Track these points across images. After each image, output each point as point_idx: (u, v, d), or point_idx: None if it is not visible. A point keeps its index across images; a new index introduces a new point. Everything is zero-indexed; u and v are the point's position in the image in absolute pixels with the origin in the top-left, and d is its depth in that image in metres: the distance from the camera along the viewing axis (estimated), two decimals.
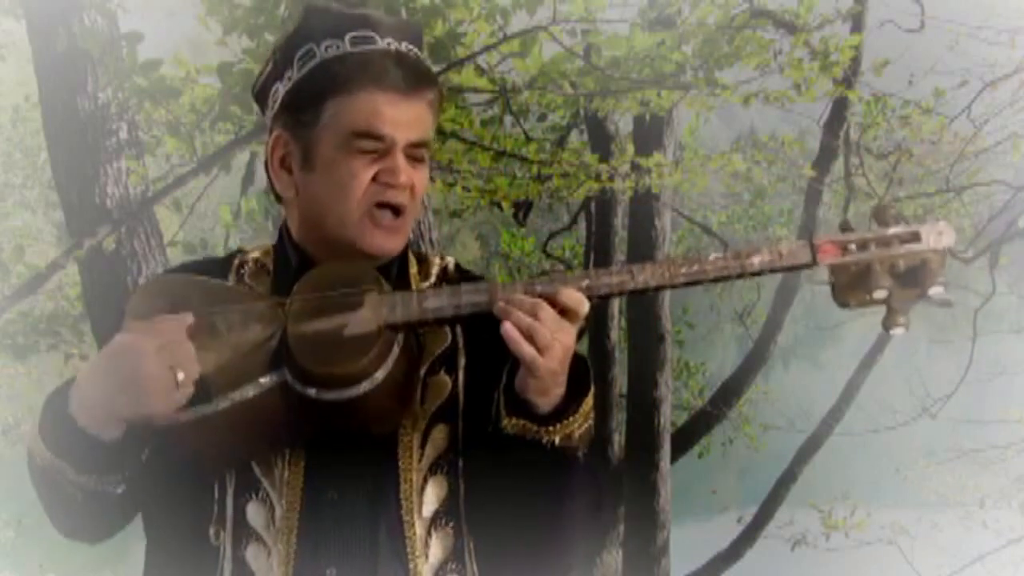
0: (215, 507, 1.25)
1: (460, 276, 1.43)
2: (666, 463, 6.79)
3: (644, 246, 6.64)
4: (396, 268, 1.39)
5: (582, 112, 6.60)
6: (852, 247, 1.23)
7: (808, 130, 7.36)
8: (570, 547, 1.32)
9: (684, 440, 7.33)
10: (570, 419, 1.22)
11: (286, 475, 1.26)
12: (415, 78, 1.30)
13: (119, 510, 1.29)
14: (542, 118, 6.88)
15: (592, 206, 7.57)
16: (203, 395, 1.20)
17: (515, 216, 7.76)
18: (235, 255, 1.42)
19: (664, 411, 6.76)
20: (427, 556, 1.27)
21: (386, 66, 1.28)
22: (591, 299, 1.22)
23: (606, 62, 3.67)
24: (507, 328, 1.18)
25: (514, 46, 3.38)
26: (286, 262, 1.37)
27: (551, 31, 3.30)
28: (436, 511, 1.28)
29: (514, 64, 3.63)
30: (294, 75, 1.31)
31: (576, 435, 1.23)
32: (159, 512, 1.32)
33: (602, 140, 6.73)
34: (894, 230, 1.23)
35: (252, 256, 1.41)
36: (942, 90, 6.25)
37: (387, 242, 1.32)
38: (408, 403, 1.27)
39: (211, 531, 1.25)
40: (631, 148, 5.52)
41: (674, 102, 4.55)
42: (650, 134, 6.28)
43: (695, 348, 10.25)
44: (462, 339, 1.35)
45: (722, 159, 5.63)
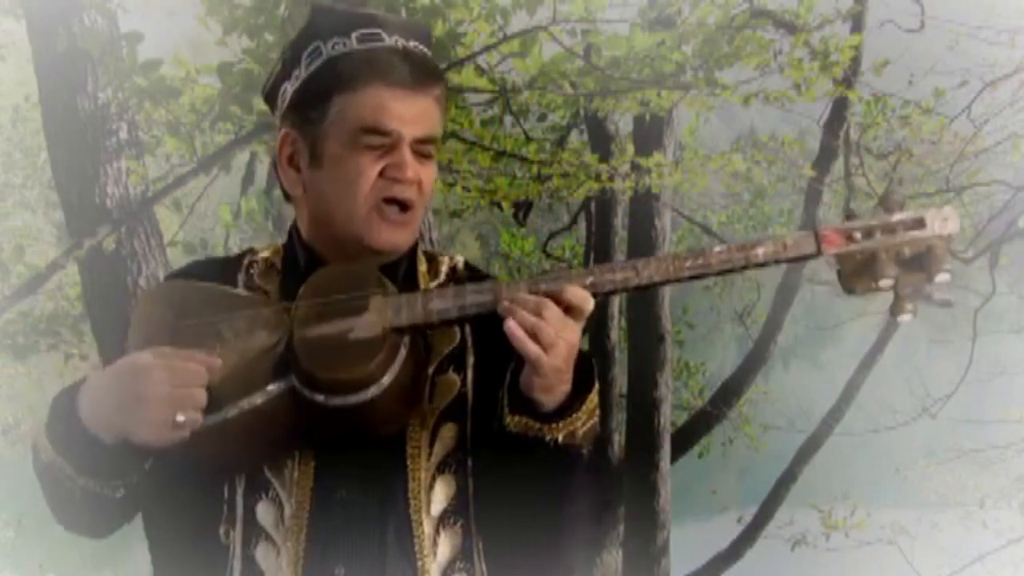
0: (225, 507, 1.26)
1: (469, 275, 1.42)
2: (666, 463, 6.78)
3: (644, 246, 6.63)
4: (405, 266, 1.38)
5: (582, 112, 6.60)
6: (857, 235, 1.21)
7: (808, 130, 7.35)
8: (574, 545, 1.31)
9: (684, 440, 7.33)
10: (573, 417, 1.22)
11: (295, 475, 1.26)
12: (421, 73, 1.30)
13: (119, 510, 1.29)
14: (542, 118, 6.87)
15: (592, 206, 7.57)
16: (212, 404, 1.20)
17: (515, 216, 7.75)
18: (245, 254, 1.42)
19: (664, 411, 6.76)
20: (435, 555, 1.27)
21: (392, 62, 1.28)
22: (596, 296, 1.21)
23: (606, 62, 3.67)
24: (511, 326, 1.17)
25: (514, 46, 3.38)
26: (295, 261, 1.37)
27: (551, 31, 3.30)
28: (445, 510, 1.28)
29: (514, 64, 3.64)
30: (301, 73, 1.32)
31: (580, 433, 1.23)
32: (168, 512, 1.33)
33: (602, 140, 6.73)
34: (899, 217, 1.21)
35: (262, 256, 1.41)
36: (942, 90, 6.24)
37: (395, 236, 1.31)
38: (416, 404, 1.27)
39: (221, 531, 1.25)
40: (631, 148, 5.52)
41: (674, 102, 4.55)
42: (650, 134, 6.28)
43: (695, 348, 10.24)
44: (471, 338, 1.35)
45: (722, 159, 5.63)
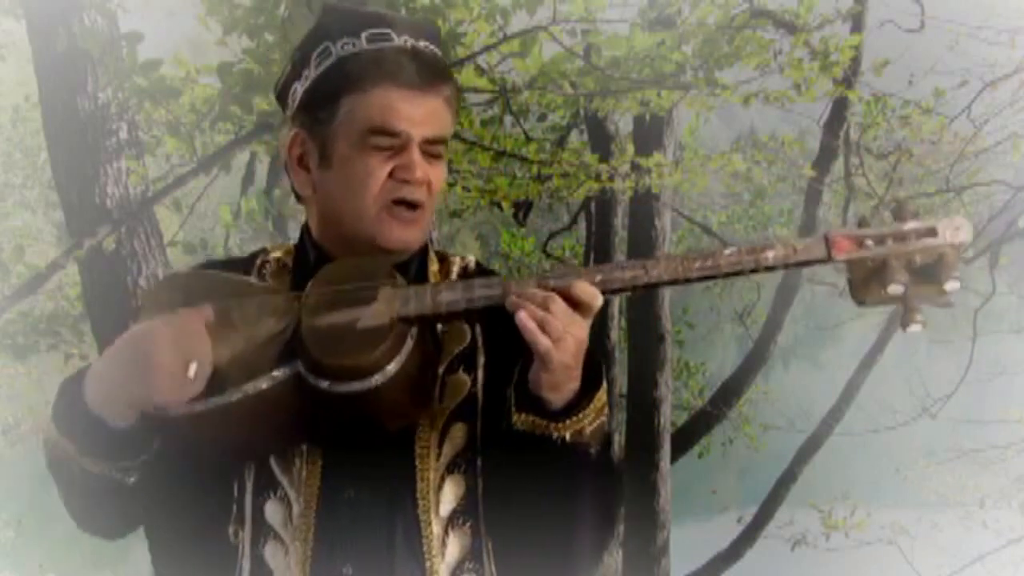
0: (234, 506, 1.26)
1: (480, 275, 1.40)
2: (666, 463, 6.79)
3: (644, 246, 6.63)
4: (416, 266, 1.38)
5: (582, 112, 6.60)
6: (868, 242, 1.20)
7: (808, 130, 7.36)
8: (584, 545, 1.31)
9: (684, 440, 7.34)
10: (581, 415, 1.22)
11: (304, 474, 1.26)
12: (431, 74, 1.30)
13: (134, 503, 1.29)
14: (542, 118, 6.87)
15: (592, 206, 7.57)
16: (217, 387, 1.20)
17: (515, 216, 7.75)
18: (258, 254, 1.43)
19: (664, 411, 6.76)
20: (444, 555, 1.26)
21: (401, 62, 1.28)
22: (604, 293, 1.21)
23: (606, 62, 3.67)
24: (522, 318, 1.17)
25: (514, 46, 3.38)
26: (305, 261, 1.38)
27: (551, 31, 3.30)
28: (454, 510, 1.28)
29: (514, 64, 3.64)
30: (311, 74, 1.32)
31: (587, 431, 1.22)
32: (177, 512, 1.33)
33: (602, 140, 6.72)
34: (911, 225, 1.20)
35: (274, 256, 1.42)
36: (942, 90, 6.24)
37: (405, 235, 1.31)
38: (424, 400, 1.27)
39: (230, 530, 1.26)
40: (631, 148, 5.52)
41: (674, 102, 4.56)
42: (650, 134, 6.28)
43: (695, 348, 10.24)
44: (481, 338, 1.35)
45: (722, 159, 5.63)
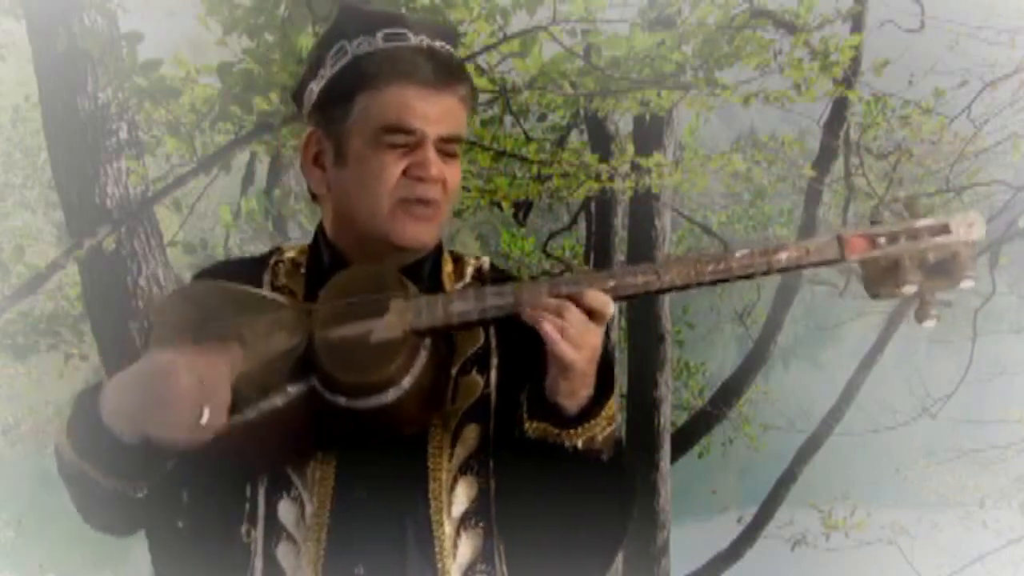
0: (247, 505, 1.26)
1: (494, 277, 1.41)
2: (666, 463, 6.78)
3: (644, 246, 6.63)
4: (429, 266, 1.38)
5: (582, 112, 6.59)
6: (881, 241, 1.20)
7: (808, 130, 7.35)
8: (596, 551, 1.31)
9: (684, 440, 7.33)
10: (593, 422, 1.22)
11: (317, 474, 1.26)
12: (446, 73, 1.30)
13: (146, 508, 1.30)
14: (542, 118, 6.87)
15: (592, 206, 7.56)
16: (232, 406, 1.19)
17: (515, 216, 7.75)
18: (272, 254, 1.42)
19: (664, 411, 6.76)
20: (455, 556, 1.26)
21: (416, 61, 1.28)
22: (616, 299, 1.21)
23: (606, 62, 3.67)
24: (548, 329, 1.17)
25: (514, 46, 3.38)
26: (319, 261, 1.37)
27: (551, 31, 3.30)
28: (466, 511, 1.28)
29: (514, 64, 3.64)
30: (327, 73, 1.32)
31: (599, 439, 1.23)
32: (190, 512, 1.33)
33: (602, 140, 6.72)
34: (923, 222, 1.20)
35: (288, 256, 1.41)
36: (942, 90, 6.24)
37: (420, 232, 1.30)
38: (438, 404, 1.27)
39: (243, 529, 1.26)
40: (631, 148, 5.52)
41: (674, 102, 4.56)
42: (650, 134, 6.27)
43: (695, 348, 10.23)
44: (495, 339, 1.34)
45: (722, 159, 5.64)
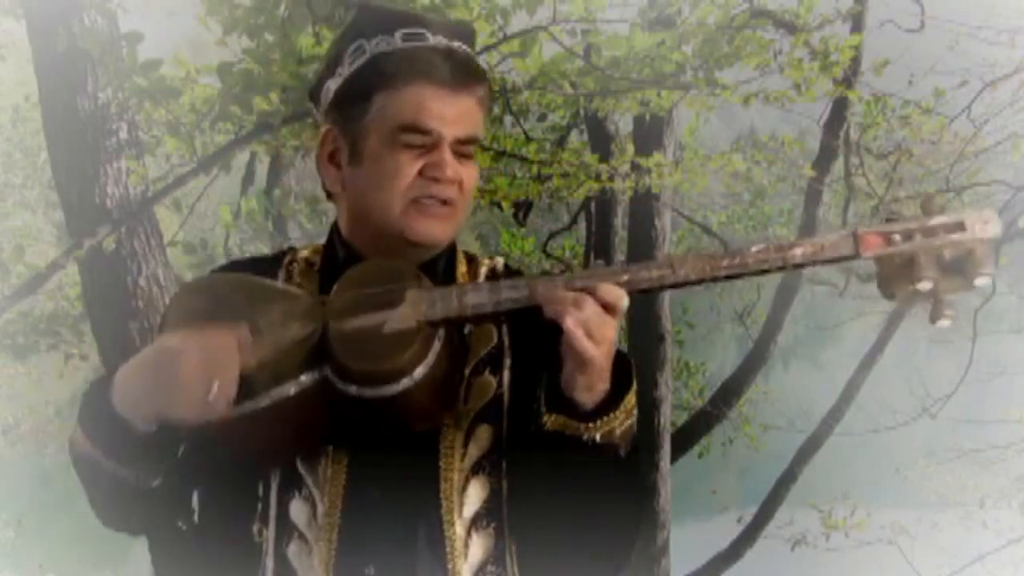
0: (259, 504, 1.26)
1: (509, 278, 1.40)
2: (666, 463, 6.78)
3: (644, 246, 6.63)
4: (443, 265, 1.38)
5: (582, 112, 6.60)
6: (896, 238, 1.19)
7: (808, 130, 7.35)
8: (611, 547, 1.30)
9: (684, 440, 7.33)
10: (611, 416, 1.22)
11: (329, 473, 1.26)
12: (464, 74, 1.30)
13: (158, 503, 1.30)
14: (542, 118, 6.88)
15: (592, 206, 7.56)
16: (244, 393, 1.19)
17: (515, 216, 7.75)
18: (286, 253, 1.43)
19: (664, 411, 6.75)
20: (467, 557, 1.26)
21: (434, 61, 1.28)
22: (630, 293, 1.21)
23: (606, 62, 3.67)
24: (570, 324, 1.16)
25: (514, 46, 3.38)
26: (334, 260, 1.37)
27: (551, 31, 3.30)
28: (477, 512, 1.27)
29: (514, 64, 3.63)
30: (345, 71, 1.32)
31: (617, 432, 1.22)
32: (202, 510, 1.33)
33: (602, 140, 6.72)
34: (938, 220, 1.20)
35: (302, 255, 1.42)
36: (942, 90, 6.24)
37: (434, 229, 1.30)
38: (450, 402, 1.27)
39: (254, 528, 1.25)
40: (631, 148, 5.53)
41: (674, 102, 4.56)
42: (650, 134, 6.28)
43: (695, 348, 10.23)
44: (508, 340, 1.34)
45: (722, 159, 5.64)
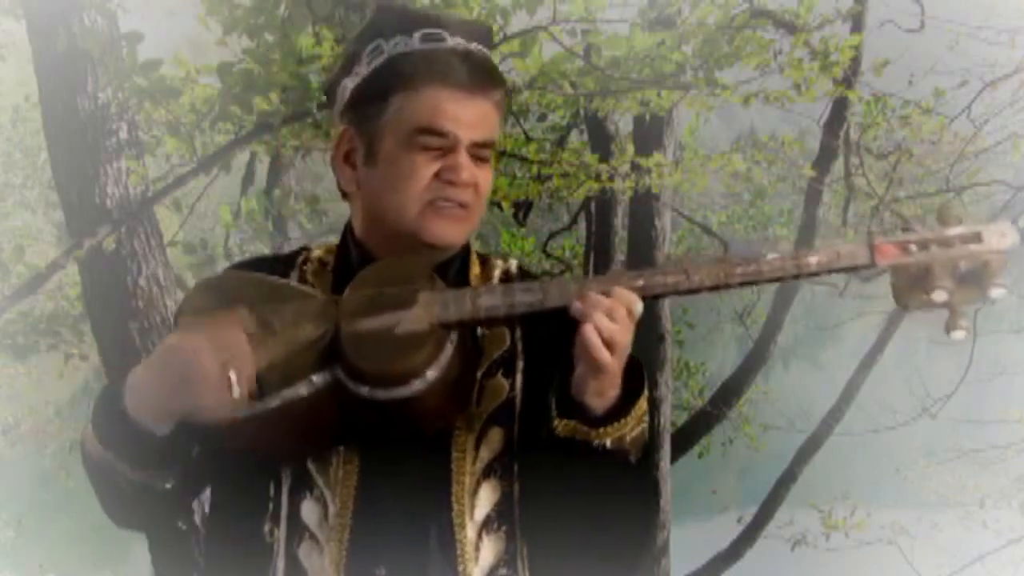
0: (270, 504, 1.26)
1: (522, 279, 1.40)
2: (666, 463, 6.78)
3: (644, 246, 6.63)
4: (457, 267, 1.37)
5: (582, 112, 6.60)
6: (912, 247, 1.19)
7: (808, 130, 7.35)
8: (622, 552, 1.30)
9: (684, 440, 7.33)
10: (623, 421, 1.21)
11: (340, 474, 1.26)
12: (482, 77, 1.29)
13: (170, 504, 1.30)
14: (542, 118, 6.88)
15: (592, 206, 7.56)
16: (257, 393, 1.19)
17: (515, 216, 7.75)
18: (300, 252, 1.42)
19: (664, 411, 6.75)
20: (478, 560, 1.26)
21: (453, 64, 1.28)
22: (644, 299, 1.20)
23: (606, 62, 3.67)
24: (588, 331, 1.16)
25: (514, 46, 3.38)
26: (347, 260, 1.37)
27: (551, 31, 3.30)
28: (489, 514, 1.27)
29: (514, 64, 3.63)
30: (362, 71, 1.31)
31: (628, 438, 1.22)
32: (213, 510, 1.34)
33: (602, 140, 6.72)
34: (955, 230, 1.20)
35: (315, 254, 1.41)
36: (942, 90, 6.23)
37: (449, 231, 1.30)
38: (463, 404, 1.26)
39: (265, 528, 1.25)
40: (631, 148, 5.53)
41: (674, 102, 4.56)
42: (650, 134, 6.27)
43: (695, 348, 10.23)
44: (521, 343, 1.34)
45: (722, 159, 5.64)
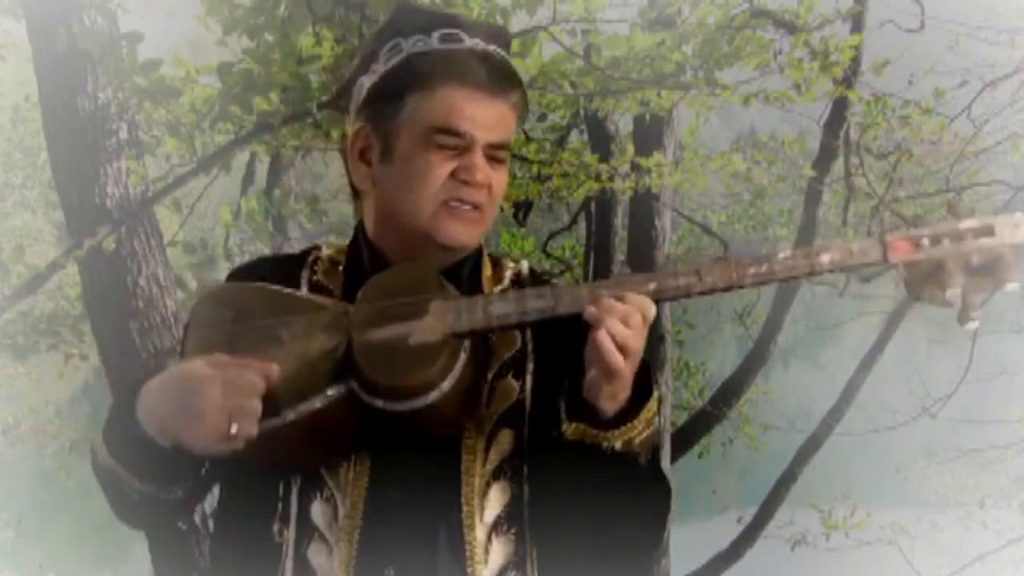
0: (279, 505, 1.26)
1: (532, 281, 1.41)
2: (666, 463, 6.78)
3: (644, 246, 6.63)
4: (469, 269, 1.37)
5: (582, 112, 6.60)
6: (925, 243, 1.19)
7: (808, 130, 7.34)
8: (632, 555, 1.30)
9: (684, 440, 7.33)
10: (631, 424, 1.21)
11: (351, 475, 1.26)
12: (499, 78, 1.29)
13: (178, 509, 1.32)
14: (542, 118, 6.88)
15: (592, 206, 7.56)
16: (271, 408, 1.18)
17: (515, 216, 7.75)
18: (310, 251, 1.42)
19: (664, 411, 6.75)
20: (487, 562, 1.25)
21: (470, 64, 1.28)
22: (657, 302, 1.20)
23: (606, 62, 3.67)
24: (601, 337, 1.15)
25: (514, 46, 3.38)
26: (359, 261, 1.37)
27: (551, 31, 3.30)
28: (498, 516, 1.27)
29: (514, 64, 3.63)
30: (380, 69, 1.31)
31: (637, 441, 1.22)
32: (222, 511, 1.34)
33: (602, 140, 6.72)
34: (967, 224, 1.19)
35: (326, 253, 1.41)
36: (942, 90, 6.23)
37: (462, 232, 1.30)
38: (475, 409, 1.26)
39: (275, 529, 1.25)
40: (631, 148, 5.53)
41: (674, 102, 4.56)
42: (650, 134, 6.27)
43: (695, 348, 10.22)
44: (531, 344, 1.34)
45: (722, 159, 5.64)
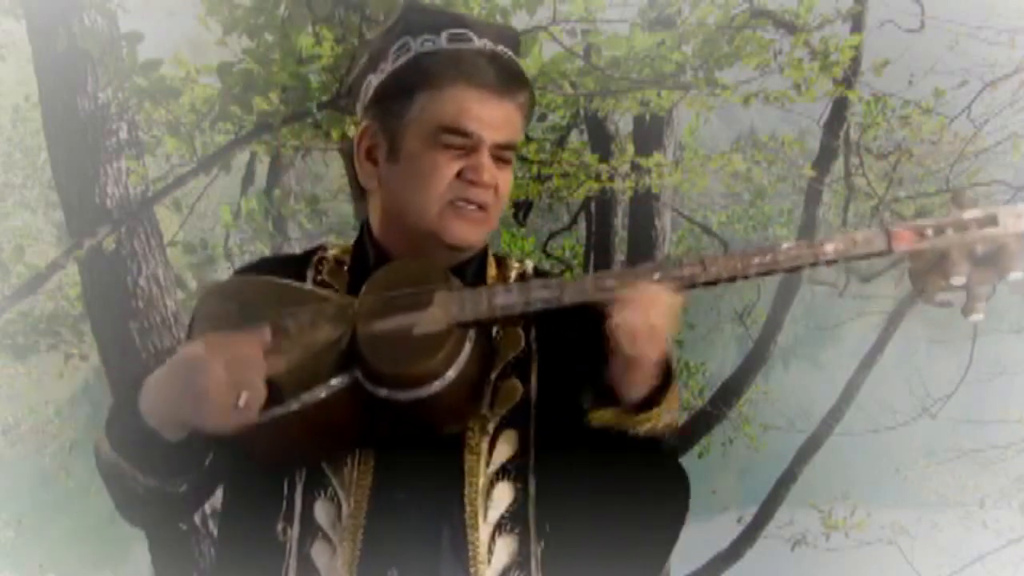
0: (283, 504, 1.26)
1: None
2: None
3: (644, 246, 6.63)
4: (474, 268, 1.37)
5: (582, 112, 6.60)
6: (928, 232, 1.19)
7: (808, 130, 7.33)
8: (650, 544, 1.30)
9: (684, 440, 7.33)
10: (656, 410, 1.21)
11: (355, 474, 1.26)
12: (507, 78, 1.29)
13: (183, 505, 1.31)
14: (542, 118, 6.87)
15: (592, 206, 7.57)
16: (275, 398, 1.18)
17: (515, 216, 7.75)
18: (316, 251, 1.42)
19: None
20: (490, 561, 1.25)
21: (479, 64, 1.28)
22: None
23: (606, 62, 3.67)
24: (629, 325, 1.16)
25: None
26: (364, 260, 1.37)
27: (551, 31, 3.30)
28: (502, 516, 1.27)
29: None
30: (388, 67, 1.31)
31: (659, 427, 1.22)
32: (226, 509, 1.34)
33: (602, 140, 6.72)
34: (971, 214, 1.19)
35: (332, 253, 1.41)
36: (942, 90, 6.23)
37: (468, 232, 1.30)
38: (478, 404, 1.26)
39: (278, 528, 1.25)
40: (631, 148, 5.53)
41: (674, 102, 4.56)
42: (650, 134, 6.27)
43: (695, 348, 10.22)
44: (536, 345, 1.34)
45: (722, 159, 5.64)
